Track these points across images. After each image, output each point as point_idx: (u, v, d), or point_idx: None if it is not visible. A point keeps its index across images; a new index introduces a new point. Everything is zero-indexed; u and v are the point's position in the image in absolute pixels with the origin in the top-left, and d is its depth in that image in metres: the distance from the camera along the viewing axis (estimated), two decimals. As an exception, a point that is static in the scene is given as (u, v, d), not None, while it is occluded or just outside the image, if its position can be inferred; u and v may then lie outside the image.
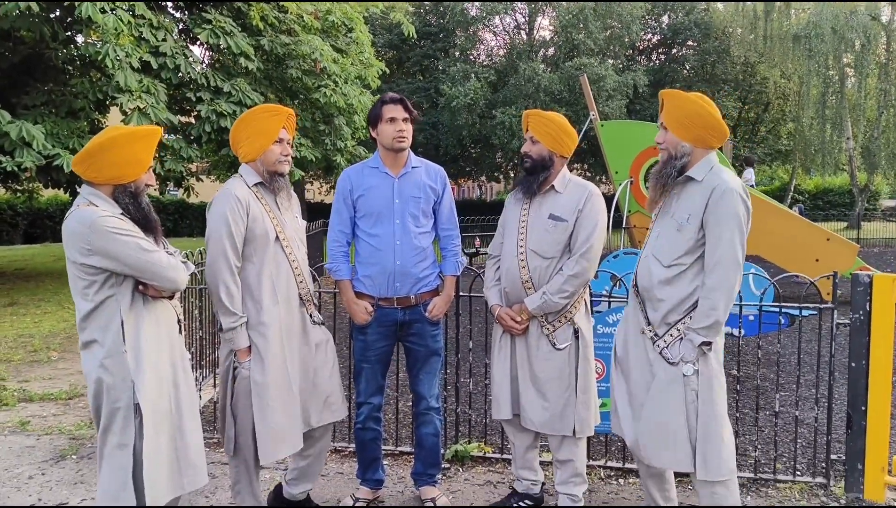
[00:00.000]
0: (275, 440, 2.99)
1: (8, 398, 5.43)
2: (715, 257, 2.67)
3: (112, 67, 8.64)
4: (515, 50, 25.56)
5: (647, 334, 2.83)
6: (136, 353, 2.53)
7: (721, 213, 2.65)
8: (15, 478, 3.97)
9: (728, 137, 2.85)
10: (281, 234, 3.07)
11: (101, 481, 2.55)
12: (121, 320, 2.52)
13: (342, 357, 5.64)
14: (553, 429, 3.21)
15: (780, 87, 25.69)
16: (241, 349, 2.99)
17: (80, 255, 2.46)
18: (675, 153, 2.81)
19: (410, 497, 3.67)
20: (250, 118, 3.07)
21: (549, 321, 3.20)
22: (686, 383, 2.72)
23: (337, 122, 13.12)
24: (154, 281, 2.56)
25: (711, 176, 2.74)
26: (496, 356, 3.37)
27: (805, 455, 4.17)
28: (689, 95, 2.78)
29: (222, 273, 2.94)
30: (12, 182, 14.66)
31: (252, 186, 3.07)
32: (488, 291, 3.40)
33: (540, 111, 3.27)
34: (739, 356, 3.95)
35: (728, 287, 2.66)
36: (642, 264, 2.93)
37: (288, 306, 3.08)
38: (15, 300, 10.73)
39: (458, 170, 29.79)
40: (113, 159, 2.52)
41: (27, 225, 23.84)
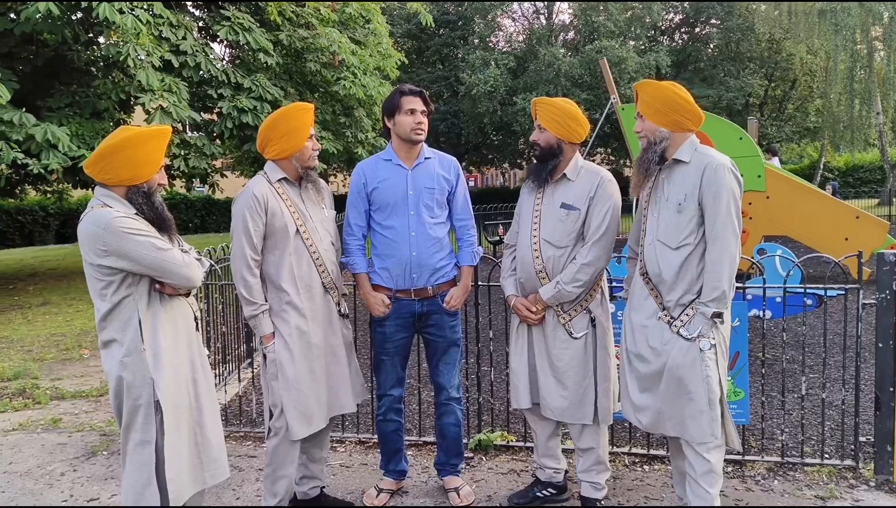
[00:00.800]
0: (298, 419, 3.11)
1: (41, 396, 5.54)
2: (714, 231, 2.75)
3: (133, 67, 8.74)
4: (535, 35, 25.39)
5: (664, 318, 2.87)
6: (155, 351, 2.57)
7: (716, 188, 2.74)
8: (47, 475, 4.05)
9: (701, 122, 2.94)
10: (302, 227, 3.14)
11: (126, 477, 2.60)
12: (138, 319, 2.56)
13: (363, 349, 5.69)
14: (573, 417, 3.20)
15: (807, 63, 25.19)
16: (265, 335, 3.11)
17: (96, 256, 2.49)
18: (654, 139, 2.90)
19: (434, 486, 3.69)
20: (285, 117, 3.12)
21: (565, 310, 3.18)
22: (703, 358, 2.78)
23: (357, 114, 13.15)
24: (170, 279, 2.59)
25: (698, 155, 2.83)
26: (514, 345, 3.37)
27: (833, 438, 4.11)
28: (661, 83, 2.89)
29: (241, 268, 3.07)
30: (41, 184, 14.92)
31: (275, 183, 3.15)
32: (504, 281, 3.40)
33: (546, 98, 3.23)
34: (765, 338, 3.90)
35: (729, 257, 2.73)
36: (649, 251, 2.94)
37: (310, 294, 3.16)
38: (48, 300, 10.95)
39: (480, 158, 29.76)
40: (125, 160, 2.54)
41: (59, 225, 24.29)
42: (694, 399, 2.79)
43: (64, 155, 8.44)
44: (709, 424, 2.79)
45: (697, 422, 2.79)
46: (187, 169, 10.97)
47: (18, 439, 4.66)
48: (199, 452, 2.71)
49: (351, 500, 3.53)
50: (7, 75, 8.38)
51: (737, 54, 25.66)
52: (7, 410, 5.28)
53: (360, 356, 5.54)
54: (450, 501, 3.50)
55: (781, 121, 27.28)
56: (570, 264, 3.14)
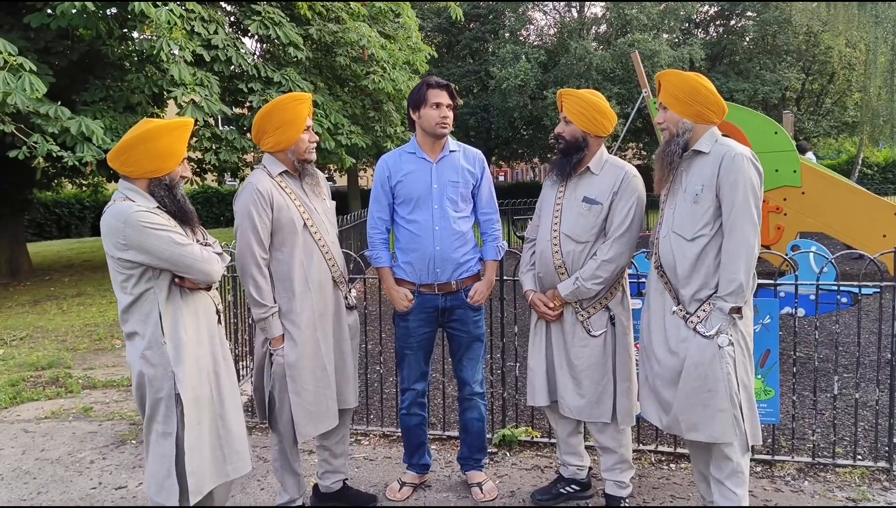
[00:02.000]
0: (310, 418, 3.08)
1: (73, 385, 5.65)
2: (731, 221, 2.69)
3: (166, 62, 8.84)
4: (566, 28, 25.15)
5: (679, 313, 2.80)
6: (176, 344, 2.58)
7: (733, 178, 2.68)
8: (77, 462, 4.12)
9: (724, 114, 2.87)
10: (309, 220, 3.08)
11: (148, 468, 2.63)
12: (159, 312, 2.56)
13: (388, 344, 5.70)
14: (589, 416, 3.16)
15: (846, 56, 24.60)
16: (275, 337, 3.04)
17: (117, 250, 2.51)
18: (677, 130, 2.85)
19: (457, 481, 3.68)
20: (279, 108, 3.03)
21: (584, 308, 3.13)
22: (721, 355, 2.71)
23: (386, 108, 13.15)
24: (188, 274, 2.60)
25: (718, 146, 2.77)
26: (532, 342, 3.33)
27: (866, 439, 4.02)
28: (684, 74, 2.84)
29: (250, 268, 2.99)
30: (77, 177, 15.19)
31: (276, 177, 3.07)
32: (523, 275, 3.36)
33: (573, 90, 3.17)
34: (797, 336, 3.81)
35: (746, 249, 2.67)
36: (664, 244, 2.88)
37: (321, 291, 3.11)
38: (82, 291, 11.16)
39: (510, 152, 29.60)
40: (147, 153, 2.55)
41: (94, 218, 24.70)
42: (714, 398, 2.72)
43: (98, 148, 8.56)
44: (731, 423, 2.72)
45: (718, 422, 2.73)
46: (218, 163, 11.07)
47: (51, 426, 4.75)
48: (222, 445, 2.72)
49: (374, 493, 3.53)
50: (43, 70, 8.51)
51: (773, 47, 25.14)
52: (40, 398, 5.39)
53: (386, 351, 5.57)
54: (472, 496, 3.49)
55: (819, 115, 26.70)
56: (591, 260, 3.09)
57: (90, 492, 3.72)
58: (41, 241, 22.63)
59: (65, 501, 3.63)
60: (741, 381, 2.74)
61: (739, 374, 2.74)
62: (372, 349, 6.16)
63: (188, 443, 2.58)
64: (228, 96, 11.23)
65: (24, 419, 4.91)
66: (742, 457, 2.79)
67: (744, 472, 2.80)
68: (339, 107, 12.06)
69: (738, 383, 2.73)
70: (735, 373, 2.72)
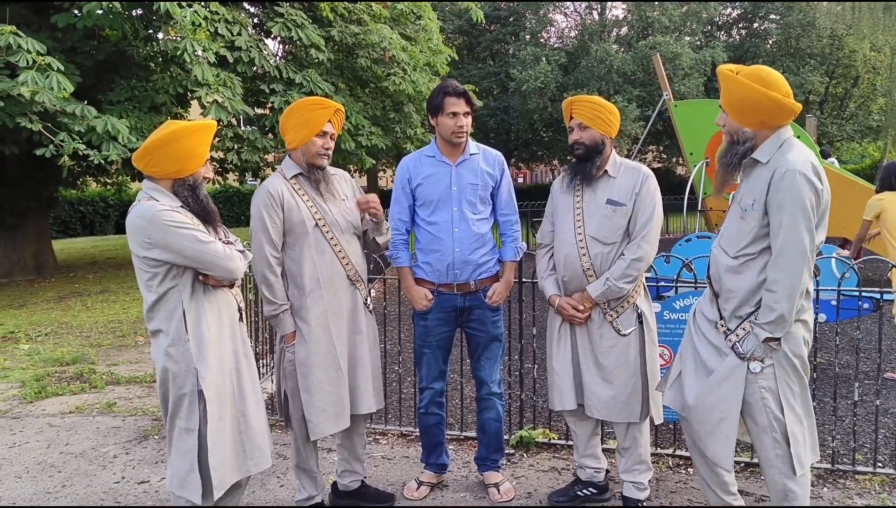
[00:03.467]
0: (321, 417, 3.12)
1: (97, 380, 5.74)
2: (777, 246, 2.47)
3: (190, 62, 8.95)
4: (587, 31, 25.12)
5: (721, 328, 2.68)
6: (199, 341, 2.63)
7: (781, 197, 2.43)
8: (101, 457, 4.20)
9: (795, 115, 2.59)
10: (321, 221, 3.13)
11: (171, 464, 2.68)
12: (183, 310, 2.62)
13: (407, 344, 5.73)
14: (619, 416, 3.17)
15: (870, 60, 24.33)
16: (286, 334, 3.13)
17: (142, 248, 2.57)
18: (737, 138, 2.63)
19: (474, 481, 3.70)
20: (298, 108, 3.14)
21: (612, 307, 3.15)
22: (753, 380, 2.57)
23: (407, 109, 13.20)
24: (212, 271, 2.65)
25: (777, 156, 2.51)
26: (555, 346, 3.32)
27: (887, 447, 3.99)
28: (744, 81, 2.52)
29: (262, 266, 3.08)
30: (102, 176, 15.39)
31: (290, 179, 3.15)
32: (544, 281, 3.36)
33: (582, 96, 3.22)
34: (818, 342, 3.79)
35: (791, 279, 2.45)
36: (712, 256, 2.79)
37: (333, 289, 3.15)
38: (106, 288, 11.31)
39: (530, 154, 29.59)
40: (171, 154, 2.61)
41: (118, 216, 25.00)
42: (724, 423, 2.61)
43: (123, 147, 8.68)
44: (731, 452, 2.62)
45: (722, 445, 2.63)
46: (240, 162, 11.18)
47: (75, 421, 4.83)
48: (243, 440, 2.76)
49: (392, 492, 3.56)
50: (70, 70, 8.65)
51: (797, 50, 24.92)
52: (65, 393, 5.48)
53: (405, 351, 5.61)
54: (489, 497, 3.51)
55: (843, 119, 26.42)
56: (619, 260, 3.12)
57: (113, 486, 3.79)
58: (66, 238, 22.94)
59: (89, 494, 3.69)
60: (785, 405, 2.56)
61: (782, 398, 2.56)
62: (391, 349, 6.19)
63: (211, 439, 2.62)
64: (251, 97, 11.34)
65: (49, 414, 5.00)
66: (791, 482, 2.60)
67: (797, 494, 2.61)
68: (360, 108, 12.12)
69: (779, 408, 2.56)
70: (775, 397, 2.56)
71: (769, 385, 2.58)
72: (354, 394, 3.22)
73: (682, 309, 3.77)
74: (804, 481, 2.65)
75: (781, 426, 2.58)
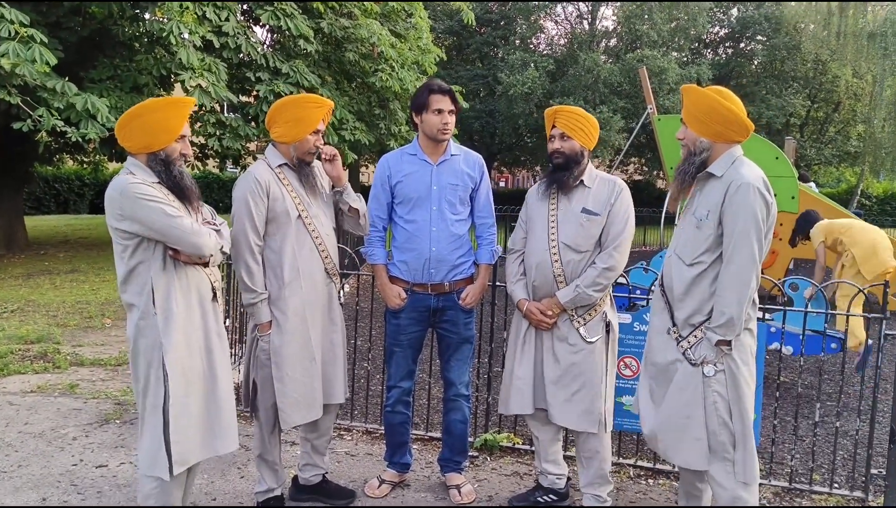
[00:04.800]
0: (294, 407, 3.11)
1: (61, 361, 5.66)
2: (729, 254, 2.62)
3: (175, 45, 8.85)
4: (576, 40, 25.23)
5: (672, 334, 2.79)
6: (166, 316, 2.63)
7: (735, 208, 2.59)
8: (60, 438, 4.14)
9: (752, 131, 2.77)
10: (304, 212, 3.14)
11: (142, 444, 2.67)
12: (151, 284, 2.62)
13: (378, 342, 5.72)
14: (580, 425, 3.18)
15: (852, 86, 24.74)
16: (262, 323, 3.10)
17: (115, 220, 2.60)
18: (695, 149, 2.77)
19: (436, 482, 3.70)
20: (295, 104, 3.13)
21: (580, 315, 3.17)
22: (707, 384, 2.68)
23: (392, 106, 13.18)
24: (179, 245, 2.64)
25: (731, 171, 2.67)
26: (518, 350, 3.34)
27: (844, 468, 4.05)
28: (705, 91, 2.72)
29: (243, 253, 3.06)
30: (79, 154, 15.18)
31: (275, 168, 3.15)
32: (513, 286, 3.38)
33: (567, 106, 3.25)
34: (782, 361, 3.84)
35: (741, 285, 2.59)
36: (667, 265, 2.89)
37: (311, 280, 3.16)
38: (76, 268, 11.15)
39: (513, 159, 29.66)
40: (140, 127, 2.63)
41: (93, 196, 24.69)
42: (690, 425, 2.70)
43: (102, 126, 8.58)
44: (704, 453, 2.68)
45: (693, 449, 2.71)
46: (221, 149, 11.08)
47: (36, 401, 4.76)
48: (212, 420, 2.75)
49: (353, 489, 3.55)
50: (53, 44, 8.52)
51: (781, 73, 25.23)
52: (27, 372, 5.40)
53: (375, 348, 5.59)
54: (450, 498, 3.51)
55: (822, 143, 26.79)
56: (591, 268, 3.14)
57: (70, 469, 3.73)
58: (39, 215, 22.59)
59: (45, 476, 3.64)
60: (735, 411, 2.66)
61: (732, 404, 2.66)
62: (361, 346, 6.18)
63: (172, 414, 2.62)
64: (235, 84, 11.25)
65: (9, 392, 4.92)
66: (741, 489, 2.68)
67: (747, 502, 2.69)
68: (345, 102, 12.08)
69: (728, 414, 2.66)
70: (726, 403, 2.66)
71: (720, 391, 2.68)
72: (331, 384, 3.25)
73: (652, 321, 3.79)
74: (754, 490, 2.73)
75: (730, 431, 2.68)
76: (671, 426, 2.75)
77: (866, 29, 21.41)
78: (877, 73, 21.64)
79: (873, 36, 20.94)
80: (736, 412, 2.68)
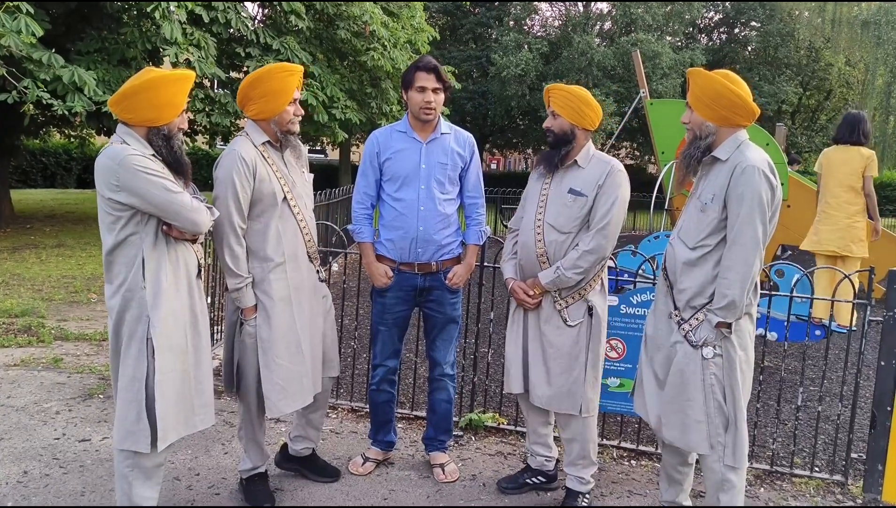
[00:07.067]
0: (282, 394, 3.02)
1: (45, 335, 5.62)
2: (733, 236, 2.61)
3: (160, 18, 8.72)
4: (571, 22, 25.12)
5: (674, 317, 2.79)
6: (155, 290, 2.59)
7: (741, 190, 2.58)
8: (43, 412, 4.11)
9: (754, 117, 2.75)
10: (289, 193, 3.05)
11: (118, 413, 2.63)
12: (142, 257, 2.59)
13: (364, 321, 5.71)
14: (559, 407, 3.18)
15: (845, 74, 24.79)
16: (247, 308, 3.01)
17: (108, 190, 2.52)
18: (700, 133, 2.76)
19: (420, 461, 3.71)
20: (267, 77, 2.97)
21: (563, 297, 3.15)
22: (705, 366, 2.68)
23: (384, 85, 13.10)
24: (176, 221, 2.61)
25: (736, 154, 2.67)
26: (510, 330, 3.35)
27: (825, 452, 4.09)
28: (712, 75, 2.71)
29: (227, 236, 2.94)
30: (66, 127, 15.01)
31: (259, 145, 3.02)
32: (504, 264, 3.38)
33: (561, 85, 3.20)
34: (766, 345, 3.86)
35: (744, 266, 2.59)
36: (670, 248, 2.89)
37: (295, 263, 3.09)
38: (62, 242, 11.06)
39: (504, 141, 29.59)
40: (147, 101, 2.56)
41: (80, 170, 24.42)
42: (691, 407, 2.71)
43: (89, 99, 8.47)
44: (705, 435, 2.70)
45: (693, 431, 2.72)
46: (210, 125, 10.98)
47: (19, 374, 4.73)
48: (192, 396, 2.73)
49: (337, 465, 3.55)
50: (40, 15, 8.39)
51: (774, 59, 25.24)
52: (11, 345, 5.36)
53: (362, 327, 5.58)
54: (434, 476, 3.52)
55: (812, 131, 26.87)
56: (572, 250, 3.11)
57: (53, 443, 3.72)
58: (25, 189, 22.36)
59: (27, 449, 3.62)
60: (728, 395, 2.68)
61: (727, 388, 2.68)
62: (348, 325, 6.16)
63: (158, 390, 2.59)
64: (225, 59, 11.13)
65: (-8, 365, 4.89)
66: (730, 472, 2.71)
67: (735, 486, 2.72)
68: (337, 80, 11.98)
69: (723, 397, 2.68)
70: (721, 387, 2.67)
71: (717, 373, 2.69)
72: (326, 358, 3.25)
73: (639, 304, 3.80)
74: (742, 474, 2.76)
75: (724, 415, 2.70)
76: (674, 407, 2.76)
77: (860, 17, 21.41)
78: (869, 61, 21.70)
79: (867, 24, 20.95)
80: (730, 396, 2.69)
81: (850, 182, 6.35)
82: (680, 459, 3.03)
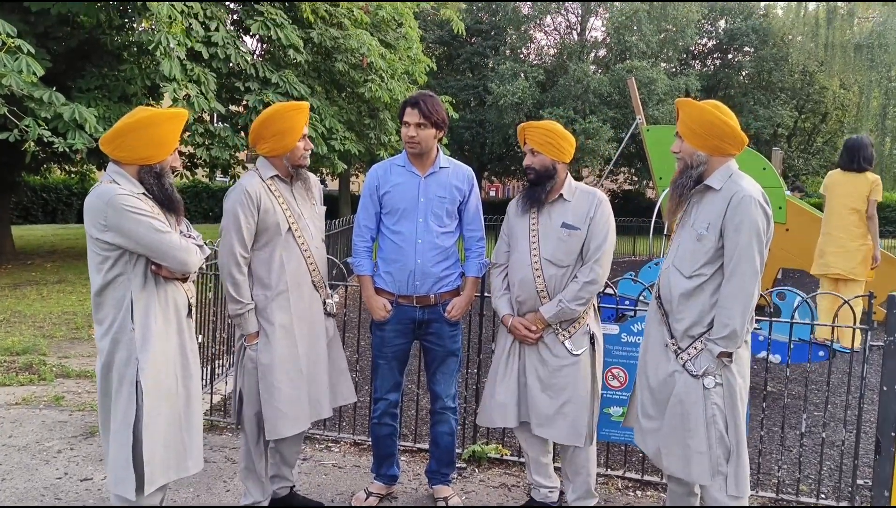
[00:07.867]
0: (280, 418, 3.09)
1: (46, 372, 5.61)
2: (731, 266, 2.63)
3: (161, 55, 8.83)
4: (566, 50, 25.39)
5: (671, 347, 2.79)
6: (144, 332, 2.59)
7: (738, 220, 2.61)
8: (45, 451, 4.10)
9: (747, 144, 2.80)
10: (294, 224, 3.14)
11: (110, 458, 2.62)
12: (131, 298, 2.58)
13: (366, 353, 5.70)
14: (566, 438, 3.18)
15: (839, 97, 24.99)
16: (249, 334, 3.10)
17: (97, 230, 2.53)
18: (691, 162, 2.79)
19: (424, 494, 3.69)
20: (277, 116, 3.10)
21: (564, 328, 3.17)
22: (707, 395, 2.68)
23: (382, 116, 13.20)
24: (165, 261, 2.61)
25: (730, 184, 2.69)
26: (502, 364, 3.33)
27: (831, 479, 4.06)
28: (701, 105, 2.75)
29: (230, 265, 3.06)
30: (66, 164, 15.12)
31: (267, 179, 3.14)
32: (497, 300, 3.38)
33: (535, 123, 3.25)
34: (769, 371, 3.85)
35: (744, 296, 2.61)
36: (664, 276, 2.89)
37: (299, 292, 3.15)
38: (63, 278, 11.08)
39: (503, 169, 29.72)
40: (141, 140, 2.58)
41: (81, 205, 24.49)
42: (693, 439, 2.69)
43: (90, 136, 8.54)
44: (707, 466, 2.68)
45: (695, 462, 2.70)
46: (210, 159, 11.06)
47: (20, 413, 4.71)
48: (184, 439, 2.72)
49: (341, 501, 3.53)
50: (41, 54, 8.50)
51: (768, 84, 25.47)
52: (12, 384, 5.35)
53: (364, 359, 5.57)
54: (437, 510, 3.50)
55: (809, 154, 27.01)
56: (572, 282, 3.14)
57: (55, 482, 3.70)
58: (26, 224, 22.44)
59: (28, 489, 3.60)
60: (731, 424, 2.67)
61: (729, 417, 2.67)
62: (350, 357, 6.15)
63: (146, 433, 2.58)
64: (225, 94, 11.24)
65: (-7, 404, 4.87)
66: (732, 502, 2.69)
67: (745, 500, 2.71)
68: (335, 112, 12.09)
69: (724, 426, 2.67)
70: (723, 416, 2.67)
71: (718, 403, 2.68)
72: (317, 399, 3.24)
73: (640, 332, 3.80)
74: (744, 503, 2.73)
75: (726, 445, 2.68)
76: (675, 440, 2.74)
77: (853, 40, 21.66)
78: (863, 84, 21.91)
79: (860, 47, 21.19)
80: (731, 425, 2.68)
81: (856, 205, 6.35)
82: (686, 489, 3.01)
